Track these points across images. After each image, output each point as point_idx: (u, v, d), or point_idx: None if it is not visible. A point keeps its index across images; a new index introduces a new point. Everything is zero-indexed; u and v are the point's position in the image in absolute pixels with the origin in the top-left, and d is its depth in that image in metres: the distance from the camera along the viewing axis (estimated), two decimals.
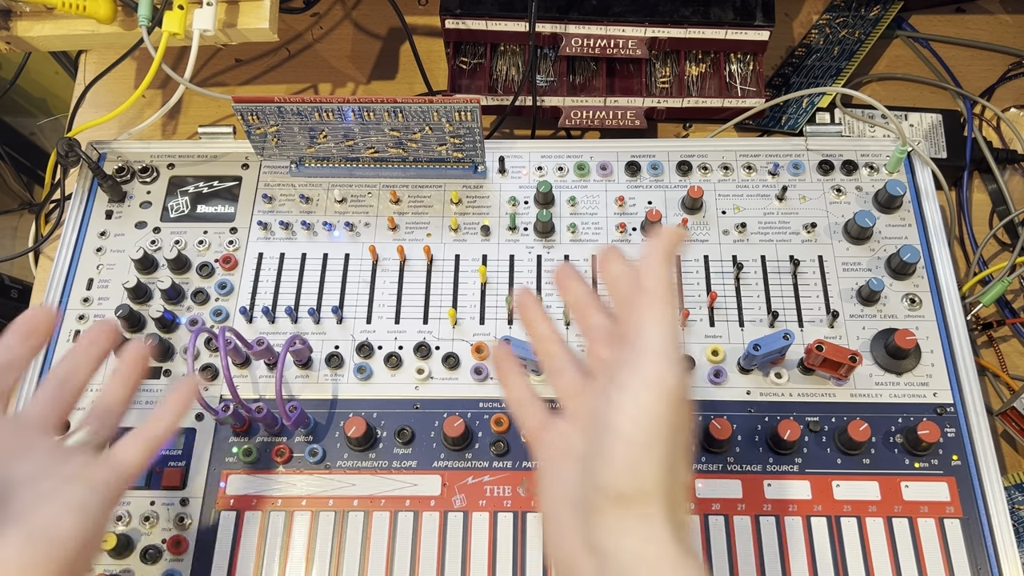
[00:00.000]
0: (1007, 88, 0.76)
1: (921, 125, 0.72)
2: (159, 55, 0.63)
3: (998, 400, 0.63)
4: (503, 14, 0.69)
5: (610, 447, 0.32)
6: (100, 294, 0.61)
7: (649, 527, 0.32)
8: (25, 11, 0.66)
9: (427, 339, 0.59)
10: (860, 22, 0.76)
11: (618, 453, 0.32)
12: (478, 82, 0.72)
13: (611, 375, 0.34)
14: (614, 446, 0.32)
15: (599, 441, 0.33)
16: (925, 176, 0.64)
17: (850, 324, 0.59)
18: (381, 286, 0.61)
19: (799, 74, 0.75)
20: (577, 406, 0.38)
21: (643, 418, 0.32)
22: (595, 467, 0.33)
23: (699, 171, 0.65)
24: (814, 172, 0.65)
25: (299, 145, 0.62)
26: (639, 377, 0.33)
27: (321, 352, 0.59)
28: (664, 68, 0.72)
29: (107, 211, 0.65)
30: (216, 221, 0.64)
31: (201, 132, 0.68)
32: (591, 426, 0.35)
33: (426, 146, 0.62)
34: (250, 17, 0.65)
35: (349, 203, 0.64)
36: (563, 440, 0.37)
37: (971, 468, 0.54)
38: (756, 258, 0.61)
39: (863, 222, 0.60)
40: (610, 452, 0.32)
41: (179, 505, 0.54)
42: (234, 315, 0.60)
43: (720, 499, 0.53)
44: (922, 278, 0.60)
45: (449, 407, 0.57)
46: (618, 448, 0.32)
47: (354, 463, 0.55)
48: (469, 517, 0.53)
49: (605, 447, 0.33)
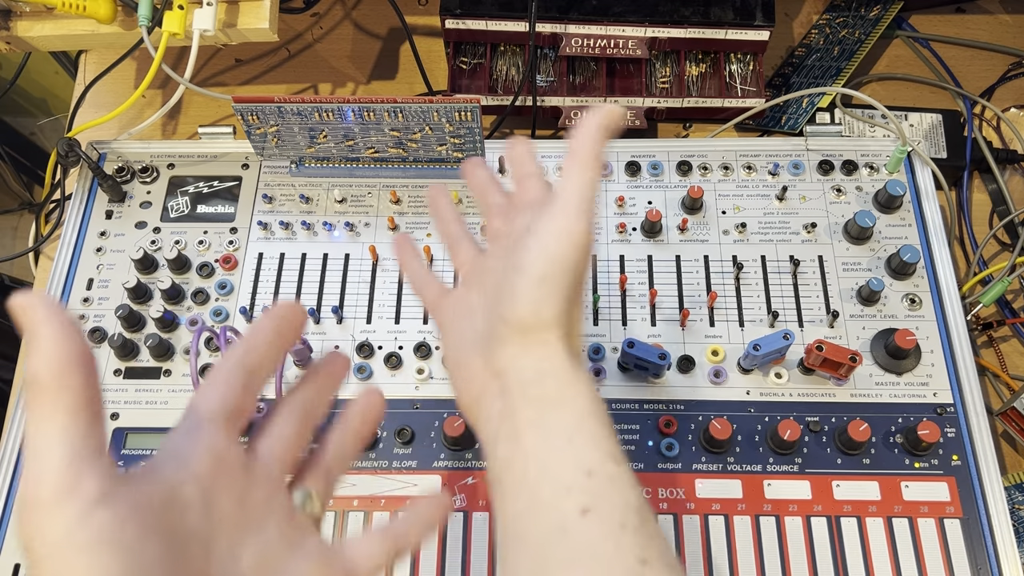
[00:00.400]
0: (1007, 88, 0.76)
1: (921, 125, 0.72)
2: (159, 55, 0.63)
3: (998, 400, 0.63)
4: (503, 14, 0.69)
5: (518, 284, 0.36)
6: (100, 294, 0.61)
7: (548, 349, 0.36)
8: (25, 11, 0.66)
9: (427, 339, 0.59)
10: (860, 22, 0.76)
11: (524, 289, 0.36)
12: (478, 82, 0.72)
13: (525, 225, 0.38)
14: (521, 283, 0.36)
15: (508, 281, 0.37)
16: (925, 176, 0.64)
17: (850, 324, 0.59)
18: (381, 286, 0.61)
19: (799, 74, 0.75)
20: (470, 271, 0.43)
21: (551, 261, 0.36)
22: (502, 305, 0.37)
23: (699, 171, 0.65)
24: (814, 172, 0.65)
25: (299, 145, 0.62)
26: (553, 226, 0.36)
27: (321, 352, 0.59)
28: (664, 68, 0.72)
29: (107, 211, 0.65)
30: (216, 221, 0.64)
31: (201, 132, 0.68)
32: (499, 271, 0.39)
33: (426, 146, 0.62)
34: (250, 17, 0.65)
35: (349, 203, 0.64)
36: (460, 302, 0.41)
37: (971, 468, 0.54)
38: (756, 258, 0.61)
39: (863, 222, 0.60)
40: (518, 289, 0.36)
41: None
42: (234, 315, 0.60)
43: (720, 499, 0.53)
44: (922, 278, 0.60)
45: (449, 407, 0.57)
46: (524, 285, 0.36)
47: (354, 463, 0.55)
48: (469, 517, 0.53)
49: (514, 285, 0.36)
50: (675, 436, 0.55)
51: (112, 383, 0.58)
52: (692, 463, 0.55)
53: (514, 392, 0.36)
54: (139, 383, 0.58)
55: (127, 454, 0.56)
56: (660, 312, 0.60)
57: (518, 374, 0.37)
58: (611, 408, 0.56)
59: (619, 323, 0.59)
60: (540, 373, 0.36)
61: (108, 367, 0.59)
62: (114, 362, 0.59)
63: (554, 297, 0.36)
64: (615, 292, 0.60)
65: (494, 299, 0.38)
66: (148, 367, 0.59)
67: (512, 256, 0.38)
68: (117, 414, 0.57)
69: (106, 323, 0.60)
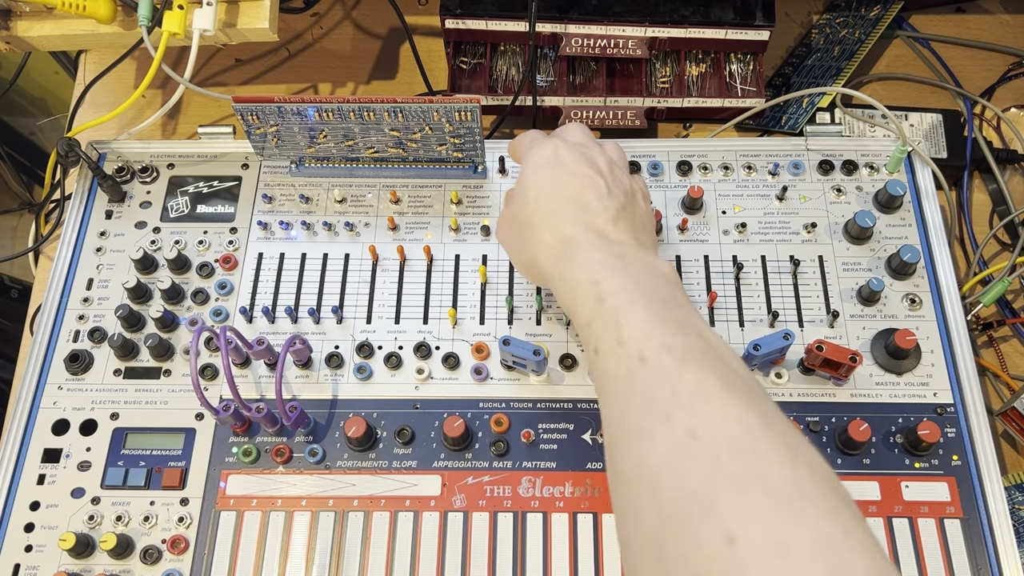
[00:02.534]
0: (1007, 88, 0.76)
1: (921, 125, 0.72)
2: (159, 55, 0.63)
3: (998, 400, 0.63)
4: (503, 14, 0.69)
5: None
6: (100, 294, 0.61)
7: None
8: (25, 11, 0.66)
9: (427, 339, 0.59)
10: (860, 22, 0.76)
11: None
12: (478, 82, 0.72)
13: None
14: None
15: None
16: (925, 176, 0.64)
17: (850, 324, 0.59)
18: (381, 286, 0.61)
19: (799, 74, 0.75)
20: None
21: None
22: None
23: (699, 171, 0.65)
24: (814, 172, 0.65)
25: (299, 145, 0.62)
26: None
27: (321, 352, 0.59)
28: (664, 68, 0.72)
29: (107, 211, 0.65)
30: (216, 221, 0.64)
31: (201, 132, 0.68)
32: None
33: (426, 146, 0.62)
34: (250, 17, 0.65)
35: (349, 203, 0.64)
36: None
37: (971, 468, 0.54)
38: (756, 258, 0.61)
39: (863, 222, 0.60)
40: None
41: (179, 505, 0.54)
42: (234, 315, 0.60)
43: None
44: (922, 278, 0.60)
45: (449, 407, 0.57)
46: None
47: (354, 463, 0.55)
48: (469, 517, 0.53)
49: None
50: None
51: (112, 383, 0.58)
52: None
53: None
54: (139, 383, 0.58)
55: (127, 454, 0.56)
56: None
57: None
58: None
59: None
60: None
61: (108, 367, 0.59)
62: (114, 362, 0.59)
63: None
64: None
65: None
66: (148, 367, 0.59)
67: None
68: (117, 414, 0.57)
69: (106, 323, 0.60)
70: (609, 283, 0.43)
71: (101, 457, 0.56)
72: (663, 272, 0.45)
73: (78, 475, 0.55)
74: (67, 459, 0.56)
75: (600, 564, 0.52)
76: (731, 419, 0.36)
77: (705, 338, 0.41)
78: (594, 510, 0.53)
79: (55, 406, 0.57)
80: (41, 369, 0.59)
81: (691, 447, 0.35)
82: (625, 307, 0.41)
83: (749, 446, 0.35)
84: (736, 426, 0.36)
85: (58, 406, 0.57)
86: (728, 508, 0.33)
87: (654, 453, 0.36)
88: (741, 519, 0.32)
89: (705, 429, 0.36)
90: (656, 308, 0.41)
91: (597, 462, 0.55)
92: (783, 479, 0.34)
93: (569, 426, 0.56)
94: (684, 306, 0.43)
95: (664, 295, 0.43)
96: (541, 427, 0.56)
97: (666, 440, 0.36)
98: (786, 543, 0.31)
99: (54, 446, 0.56)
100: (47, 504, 0.54)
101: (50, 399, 0.58)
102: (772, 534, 0.32)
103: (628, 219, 0.48)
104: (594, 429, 0.56)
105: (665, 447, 0.36)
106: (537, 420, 0.56)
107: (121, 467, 0.55)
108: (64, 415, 0.57)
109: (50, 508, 0.54)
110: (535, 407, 0.57)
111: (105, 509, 0.54)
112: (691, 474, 0.35)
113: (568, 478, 0.54)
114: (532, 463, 0.55)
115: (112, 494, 0.55)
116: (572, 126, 0.54)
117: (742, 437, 0.35)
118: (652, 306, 0.41)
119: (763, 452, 0.35)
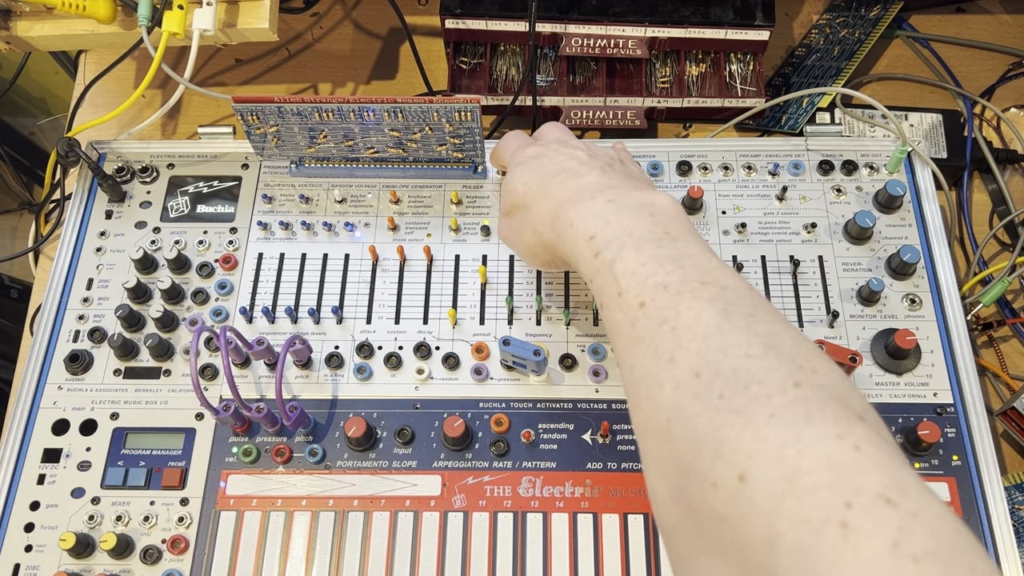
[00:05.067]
0: (1007, 88, 0.76)
1: (921, 125, 0.72)
2: (159, 55, 0.63)
3: (998, 400, 0.63)
4: (503, 14, 0.69)
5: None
6: (100, 294, 0.61)
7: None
8: (25, 11, 0.66)
9: (427, 339, 0.59)
10: (860, 22, 0.76)
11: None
12: (478, 82, 0.72)
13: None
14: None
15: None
16: (925, 176, 0.64)
17: (850, 324, 0.59)
18: (381, 286, 0.61)
19: (799, 74, 0.75)
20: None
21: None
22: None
23: (699, 171, 0.65)
24: (814, 172, 0.65)
25: (299, 145, 0.62)
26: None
27: (321, 352, 0.59)
28: (664, 68, 0.72)
29: (107, 211, 0.65)
30: (216, 221, 0.64)
31: (201, 132, 0.68)
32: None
33: (426, 146, 0.62)
34: (250, 17, 0.65)
35: (349, 203, 0.64)
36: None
37: (971, 468, 0.54)
38: (756, 258, 0.61)
39: (863, 222, 0.60)
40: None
41: (179, 505, 0.54)
42: (234, 315, 0.60)
43: None
44: (922, 278, 0.60)
45: (449, 407, 0.57)
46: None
47: (354, 463, 0.55)
48: (469, 517, 0.53)
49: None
50: None
51: (112, 383, 0.58)
52: None
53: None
54: (139, 383, 0.58)
55: (127, 454, 0.56)
56: None
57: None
58: (611, 408, 0.56)
59: None
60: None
61: (108, 367, 0.59)
62: (114, 362, 0.59)
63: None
64: None
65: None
66: (148, 367, 0.59)
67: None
68: (117, 414, 0.57)
69: (106, 323, 0.60)
70: (602, 235, 0.43)
71: (101, 457, 0.56)
72: (660, 206, 0.44)
73: (78, 475, 0.55)
74: (67, 459, 0.56)
75: (600, 564, 0.52)
76: (731, 350, 0.35)
77: (702, 266, 0.40)
78: (594, 510, 0.53)
79: (55, 406, 0.57)
80: (41, 369, 0.59)
81: (695, 387, 0.35)
82: (619, 257, 0.41)
83: (750, 376, 0.34)
84: (736, 357, 0.35)
85: (58, 406, 0.57)
86: (736, 446, 0.32)
87: (664, 399, 0.36)
88: (750, 455, 0.32)
89: (707, 366, 0.35)
90: (649, 249, 0.41)
91: (597, 462, 0.55)
92: (786, 404, 0.33)
93: (569, 426, 0.56)
94: (681, 238, 0.42)
95: (657, 233, 0.42)
96: (541, 427, 0.56)
97: (672, 384, 0.36)
98: (796, 474, 0.30)
99: (54, 446, 0.56)
100: (47, 504, 0.54)
101: (50, 399, 0.58)
102: (781, 467, 0.31)
103: (618, 170, 0.49)
104: (594, 429, 0.56)
105: (671, 392, 0.36)
106: (537, 420, 0.56)
107: (121, 467, 0.55)
108: (64, 415, 0.57)
109: (50, 508, 0.54)
110: (535, 407, 0.57)
111: (105, 509, 0.54)
112: (698, 415, 0.34)
113: (568, 478, 0.54)
114: (532, 463, 0.55)
115: (112, 494, 0.55)
116: (549, 126, 0.55)
117: (743, 367, 0.34)
118: (645, 248, 0.41)
119: (765, 379, 0.34)
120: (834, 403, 0.33)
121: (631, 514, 0.53)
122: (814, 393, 0.33)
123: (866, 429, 0.32)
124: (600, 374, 0.57)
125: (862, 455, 0.30)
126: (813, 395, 0.33)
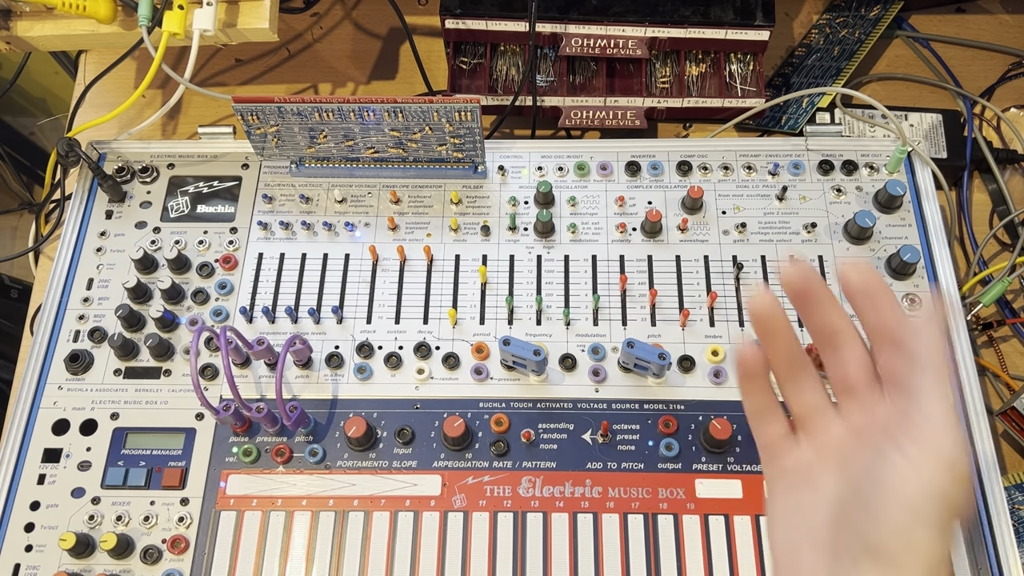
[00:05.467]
0: (1007, 88, 0.76)
1: (921, 125, 0.72)
2: (159, 55, 0.63)
3: (998, 400, 0.63)
4: (503, 14, 0.69)
5: (883, 504, 0.33)
6: (100, 294, 0.61)
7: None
8: (25, 11, 0.66)
9: (427, 339, 0.59)
10: (860, 22, 0.76)
11: (892, 512, 0.33)
12: (478, 82, 0.72)
13: (885, 430, 0.35)
14: (887, 504, 0.33)
15: (869, 495, 0.34)
16: (925, 176, 0.64)
17: None
18: (381, 286, 0.61)
19: (799, 74, 0.75)
20: (826, 442, 0.38)
21: (922, 487, 0.33)
22: (860, 519, 0.34)
23: (699, 171, 0.65)
24: (814, 172, 0.65)
25: (299, 145, 0.62)
26: (922, 446, 0.33)
27: (321, 352, 0.59)
28: (664, 68, 0.72)
29: (107, 211, 0.65)
30: (216, 221, 0.64)
31: (201, 132, 0.68)
32: (853, 475, 0.35)
33: (426, 146, 0.62)
34: (250, 17, 0.65)
35: (349, 203, 0.64)
36: (806, 473, 0.38)
37: (971, 468, 0.54)
38: (756, 258, 0.61)
39: (863, 222, 0.60)
40: (883, 509, 0.33)
41: (179, 505, 0.54)
42: (234, 315, 0.60)
43: (720, 499, 0.53)
44: (922, 278, 0.60)
45: (449, 407, 0.57)
46: (892, 507, 0.33)
47: (354, 463, 0.55)
48: (469, 517, 0.53)
49: (877, 503, 0.33)
50: (675, 436, 0.55)
51: (112, 383, 0.58)
52: (692, 463, 0.55)
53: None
54: (139, 383, 0.58)
55: (127, 454, 0.56)
56: (660, 312, 0.60)
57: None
58: (611, 408, 0.56)
59: (619, 323, 0.59)
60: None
61: (108, 367, 0.59)
62: (114, 362, 0.59)
63: (922, 529, 0.32)
64: (615, 292, 0.60)
65: (851, 502, 0.35)
66: (148, 367, 0.59)
67: (869, 462, 0.35)
68: (117, 414, 0.57)
69: (106, 323, 0.60)
70: None
71: (101, 457, 0.56)
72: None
73: (78, 475, 0.55)
74: (67, 459, 0.56)
75: (600, 564, 0.52)
76: None
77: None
78: (594, 510, 0.53)
79: (55, 406, 0.57)
80: (41, 369, 0.59)
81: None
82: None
83: None
84: None
85: (58, 406, 0.57)
86: None
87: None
88: None
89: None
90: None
91: (597, 462, 0.55)
92: None
93: (569, 426, 0.56)
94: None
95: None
96: (541, 427, 0.56)
97: None
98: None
99: (54, 446, 0.56)
100: (47, 504, 0.54)
101: (50, 399, 0.58)
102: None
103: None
104: (594, 429, 0.56)
105: None
106: (537, 420, 0.56)
107: (121, 467, 0.55)
108: (64, 415, 0.57)
109: (50, 508, 0.54)
110: (535, 407, 0.57)
111: (105, 509, 0.54)
112: None
113: (568, 478, 0.54)
114: (532, 463, 0.55)
115: (112, 494, 0.55)
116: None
117: None
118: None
119: None
120: None
121: (631, 514, 0.53)
122: None
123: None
124: (600, 374, 0.57)
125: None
126: None
